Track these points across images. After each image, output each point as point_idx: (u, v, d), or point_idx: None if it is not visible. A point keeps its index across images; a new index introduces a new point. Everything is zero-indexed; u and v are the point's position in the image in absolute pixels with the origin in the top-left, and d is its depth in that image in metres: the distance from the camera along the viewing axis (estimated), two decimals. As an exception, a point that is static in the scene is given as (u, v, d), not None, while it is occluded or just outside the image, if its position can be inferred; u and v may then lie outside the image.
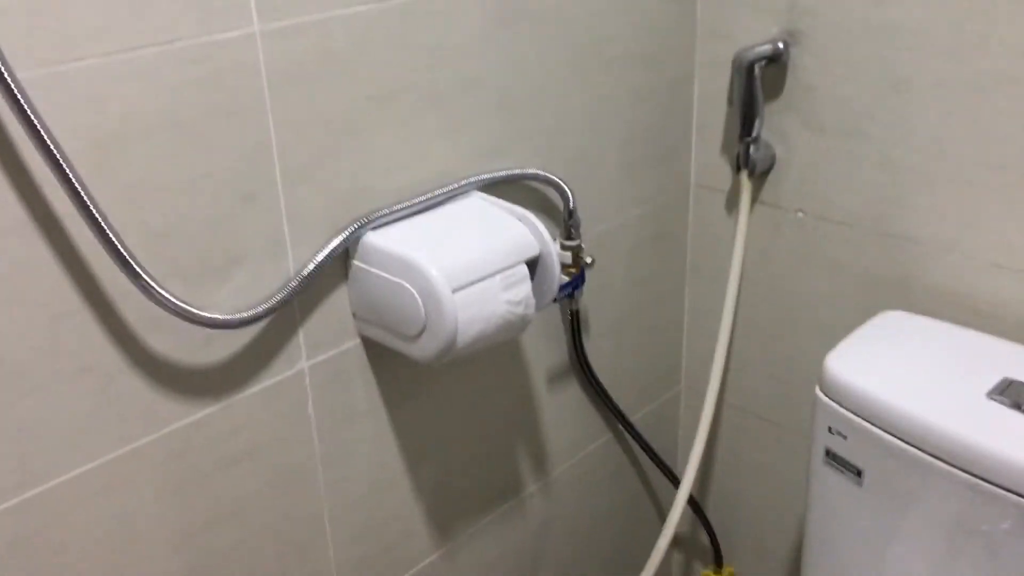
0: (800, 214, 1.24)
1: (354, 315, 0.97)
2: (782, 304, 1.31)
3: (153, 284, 0.75)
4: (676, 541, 1.60)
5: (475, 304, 0.91)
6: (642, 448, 1.39)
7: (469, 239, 0.94)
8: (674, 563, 1.62)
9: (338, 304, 0.95)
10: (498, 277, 0.93)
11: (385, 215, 0.94)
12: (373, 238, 0.92)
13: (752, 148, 1.22)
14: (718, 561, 1.53)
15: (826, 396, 1.05)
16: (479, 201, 1.01)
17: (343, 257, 0.94)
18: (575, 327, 1.21)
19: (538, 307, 1.00)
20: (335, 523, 1.01)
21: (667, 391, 1.46)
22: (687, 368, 1.47)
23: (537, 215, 0.99)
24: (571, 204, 1.10)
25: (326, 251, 0.90)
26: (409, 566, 1.12)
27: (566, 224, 1.12)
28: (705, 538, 1.53)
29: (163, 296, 0.76)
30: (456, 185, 1.00)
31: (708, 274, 1.38)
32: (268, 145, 0.85)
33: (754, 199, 1.28)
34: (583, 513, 1.37)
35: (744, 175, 1.24)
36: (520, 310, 0.95)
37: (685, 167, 1.32)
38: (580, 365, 1.25)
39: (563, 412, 1.26)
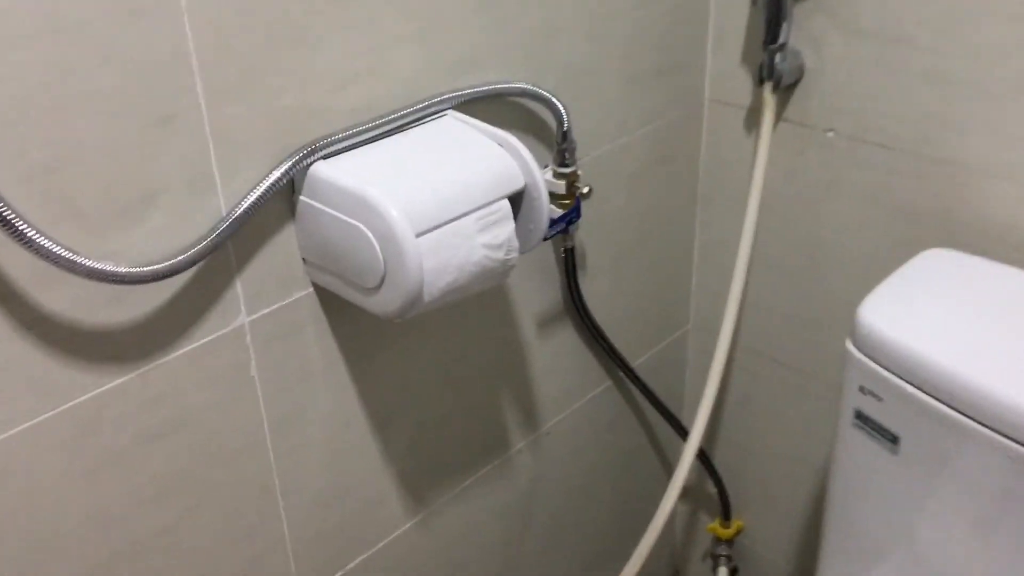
0: (831, 134, 1.08)
1: (304, 260, 0.81)
2: (807, 237, 1.15)
3: (29, 230, 0.60)
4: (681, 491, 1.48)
5: (445, 250, 0.75)
6: (644, 395, 1.25)
7: (439, 170, 0.78)
8: (678, 514, 1.50)
9: (284, 247, 0.80)
10: (473, 216, 0.77)
11: (338, 141, 0.78)
12: (323, 169, 0.76)
13: (778, 57, 1.04)
14: (726, 514, 1.41)
15: (858, 351, 0.91)
16: (453, 123, 0.84)
17: (288, 192, 0.78)
18: (569, 265, 1.06)
19: (523, 250, 0.84)
20: (289, 496, 0.88)
21: (674, 331, 1.31)
22: (696, 306, 1.32)
23: (524, 138, 0.83)
24: (565, 125, 0.94)
25: (264, 185, 0.74)
26: (379, 537, 0.99)
27: (559, 148, 0.96)
28: (712, 488, 1.41)
29: (44, 246, 0.61)
30: (426, 104, 0.84)
31: (722, 201, 1.22)
32: (185, 53, 0.68)
33: (778, 116, 1.11)
34: (578, 468, 1.24)
35: (767, 88, 1.07)
36: (500, 255, 0.80)
37: (698, 79, 1.15)
38: (575, 306, 1.10)
39: (555, 359, 1.12)
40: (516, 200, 0.82)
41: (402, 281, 0.73)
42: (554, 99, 0.92)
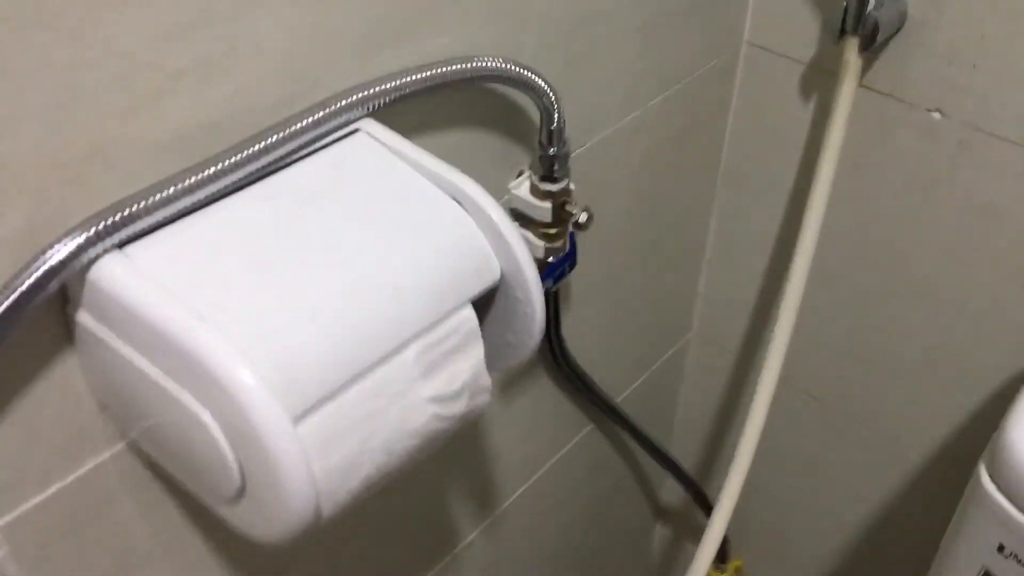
0: (937, 115, 0.73)
1: (102, 406, 0.45)
2: (880, 251, 0.82)
3: None
4: (661, 513, 1.19)
5: (357, 428, 0.40)
6: (632, 435, 0.94)
7: (339, 265, 0.42)
8: (658, 539, 1.21)
9: (60, 393, 0.43)
10: (410, 353, 0.42)
11: (144, 211, 0.40)
12: (111, 271, 0.39)
13: (873, 1, 0.68)
14: (722, 556, 1.13)
15: (1001, 493, 0.59)
16: (367, 148, 0.47)
17: (58, 301, 0.42)
18: (551, 312, 0.71)
19: (501, 368, 0.50)
20: None
21: (672, 344, 0.99)
22: (702, 311, 0.99)
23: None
24: (556, 120, 0.57)
25: (-8, 315, 0.37)
26: None
27: (544, 155, 0.60)
28: (700, 515, 1.12)
29: None
30: (316, 116, 0.46)
31: (753, 182, 0.87)
32: None
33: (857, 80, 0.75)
34: (546, 536, 0.93)
35: (851, 46, 0.70)
36: (460, 407, 0.45)
37: (737, 15, 0.78)
38: (553, 356, 0.76)
39: (522, 422, 0.79)
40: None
41: (276, 501, 0.38)
42: (543, 83, 0.55)
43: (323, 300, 0.40)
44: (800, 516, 1.05)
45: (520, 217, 0.65)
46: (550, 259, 0.64)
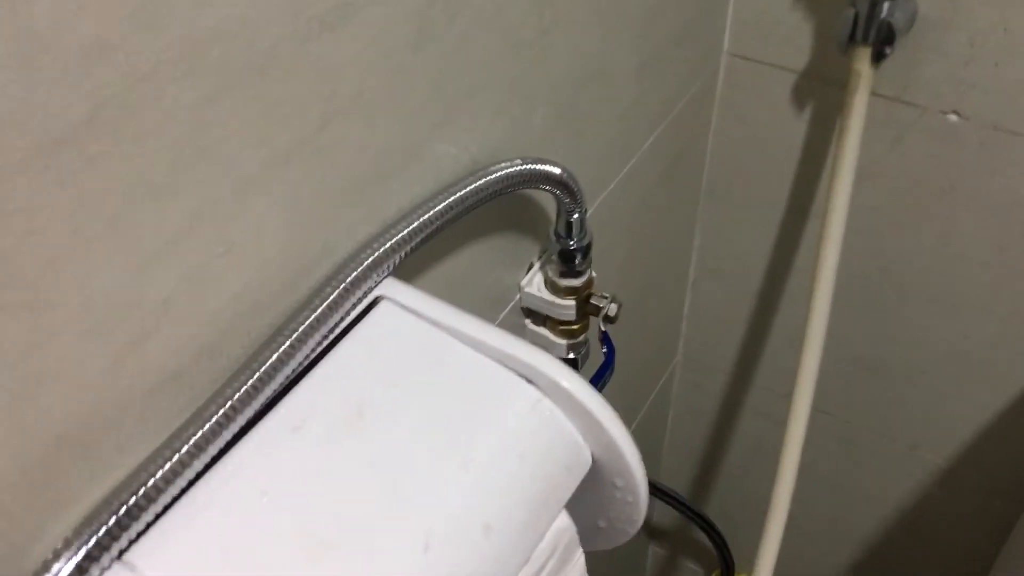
0: (953, 117, 0.66)
1: None
2: (895, 263, 0.76)
3: None
4: (655, 533, 1.14)
5: None
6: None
7: (410, 509, 0.32)
8: (650, 557, 1.16)
9: None
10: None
11: (150, 493, 0.30)
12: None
13: (886, 6, 0.60)
14: (728, 571, 1.07)
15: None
16: (398, 321, 0.37)
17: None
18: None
19: (592, 550, 0.41)
20: None
21: (662, 372, 0.92)
22: (688, 332, 0.92)
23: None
24: (578, 209, 0.48)
25: None
26: None
27: (565, 248, 0.50)
28: (695, 531, 1.07)
29: None
30: (334, 295, 0.35)
31: (734, 196, 0.80)
32: None
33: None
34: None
35: (864, 55, 0.62)
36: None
37: (717, 27, 0.70)
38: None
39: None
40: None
41: None
42: (566, 175, 0.46)
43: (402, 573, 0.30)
44: (816, 531, 1.00)
45: (532, 315, 0.56)
46: (571, 355, 0.55)
